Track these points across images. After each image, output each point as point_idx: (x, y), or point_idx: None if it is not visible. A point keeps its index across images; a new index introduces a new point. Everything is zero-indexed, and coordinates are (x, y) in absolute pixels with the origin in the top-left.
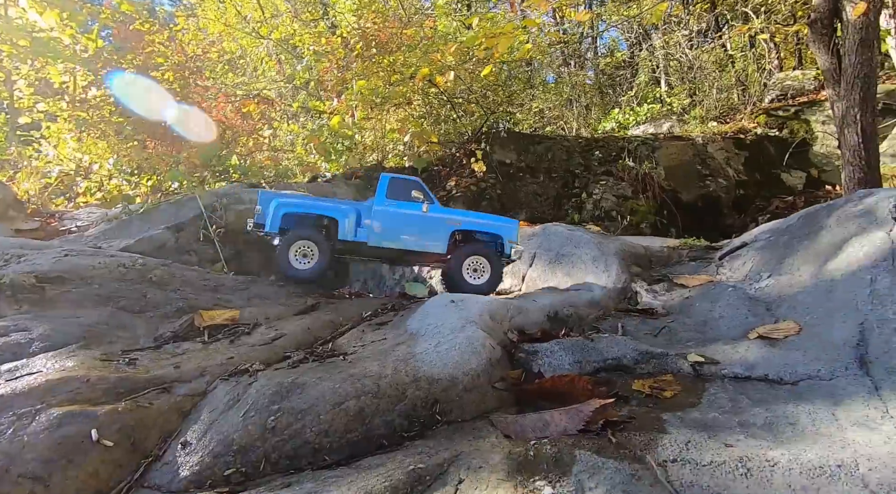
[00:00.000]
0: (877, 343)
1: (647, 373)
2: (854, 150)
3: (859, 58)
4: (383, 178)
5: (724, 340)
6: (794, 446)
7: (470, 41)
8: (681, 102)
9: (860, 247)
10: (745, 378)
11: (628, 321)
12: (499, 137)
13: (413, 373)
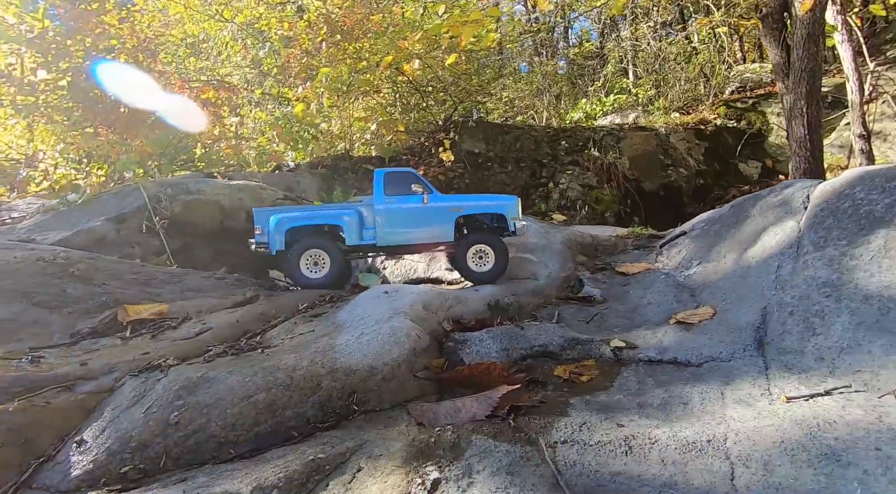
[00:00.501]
0: (774, 326)
1: (572, 359)
2: (800, 141)
3: (806, 52)
4: (377, 174)
5: (647, 325)
6: (678, 424)
7: (435, 29)
8: (646, 93)
9: (774, 235)
10: (657, 362)
11: (567, 308)
12: (467, 126)
13: (330, 365)
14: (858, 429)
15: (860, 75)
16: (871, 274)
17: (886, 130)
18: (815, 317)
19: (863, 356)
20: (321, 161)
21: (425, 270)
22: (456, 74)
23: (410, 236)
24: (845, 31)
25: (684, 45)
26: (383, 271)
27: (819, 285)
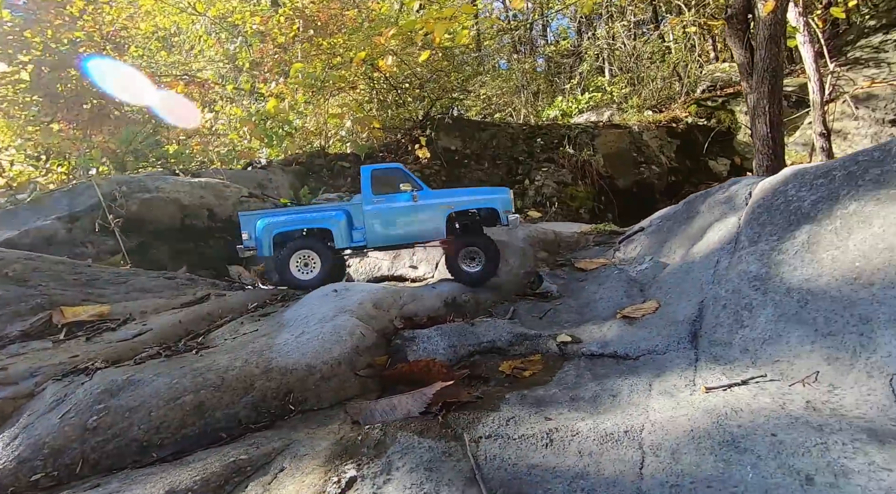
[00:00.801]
0: (708, 319)
1: (520, 354)
2: (763, 139)
3: (768, 53)
4: (364, 172)
5: (596, 320)
6: (603, 416)
7: (409, 25)
8: (620, 92)
9: (717, 231)
10: (598, 356)
11: (524, 304)
12: (444, 123)
13: (265, 364)
14: (760, 417)
15: (821, 76)
16: (795, 268)
17: (846, 128)
18: (744, 310)
19: (782, 347)
20: (296, 158)
21: (389, 267)
22: (434, 70)
23: (401, 236)
24: (807, 32)
25: (658, 45)
26: (347, 268)
27: (750, 279)
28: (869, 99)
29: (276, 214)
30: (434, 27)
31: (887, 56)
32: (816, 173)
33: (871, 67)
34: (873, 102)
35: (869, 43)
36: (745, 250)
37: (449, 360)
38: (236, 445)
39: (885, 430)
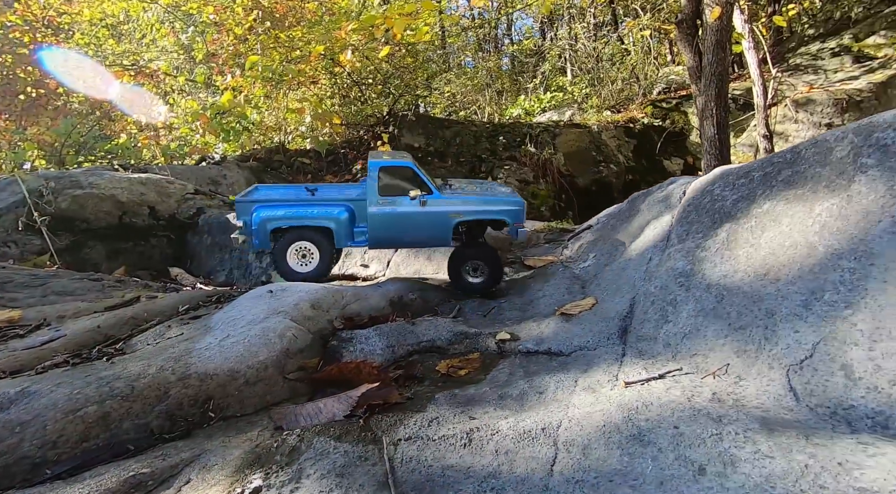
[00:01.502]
0: (638, 315)
1: (459, 353)
2: (711, 140)
3: (715, 57)
4: (372, 167)
5: (536, 317)
6: (525, 414)
7: (368, 20)
8: (581, 92)
9: (653, 229)
10: (534, 353)
11: (471, 302)
12: (407, 120)
13: (182, 371)
14: (668, 410)
15: (764, 81)
16: (715, 265)
17: (788, 131)
18: (669, 305)
19: (699, 341)
20: (253, 154)
21: (339, 266)
22: (398, 66)
23: (405, 241)
24: (752, 39)
25: (617, 47)
26: None
27: (676, 276)
28: (808, 103)
29: (273, 206)
30: (393, 23)
31: (824, 63)
32: (739, 174)
33: (809, 74)
34: (811, 106)
35: (808, 51)
36: (674, 247)
37: (386, 360)
38: (142, 457)
39: (777, 419)
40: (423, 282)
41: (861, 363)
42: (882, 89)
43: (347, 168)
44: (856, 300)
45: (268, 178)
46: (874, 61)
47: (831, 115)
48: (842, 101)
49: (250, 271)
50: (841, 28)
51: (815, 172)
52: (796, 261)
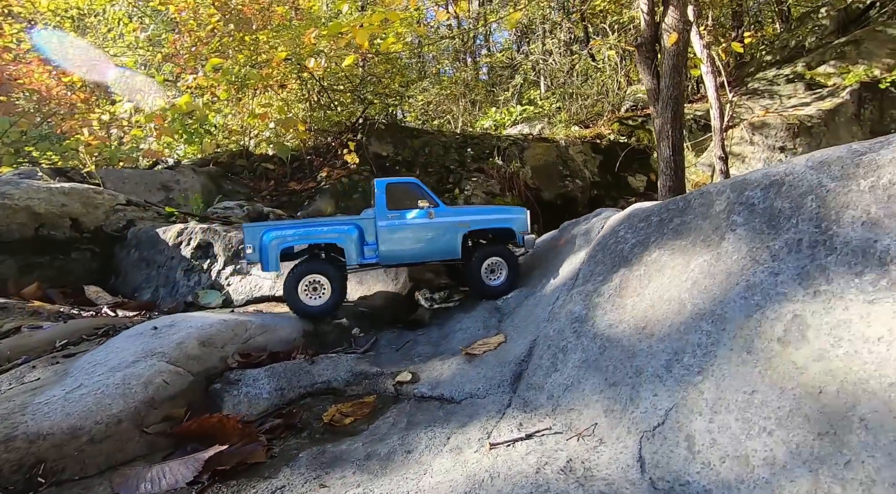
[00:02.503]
0: (535, 359)
1: (356, 395)
2: (666, 161)
3: (672, 81)
4: (379, 186)
5: (445, 355)
6: (382, 479)
7: (335, 28)
8: (551, 106)
9: (569, 265)
10: (427, 398)
11: (390, 333)
12: (376, 128)
13: (7, 432)
14: (509, 484)
15: (721, 104)
16: (606, 312)
17: (744, 152)
18: (560, 352)
19: (578, 395)
20: (215, 158)
21: (271, 287)
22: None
23: (416, 254)
24: (710, 64)
25: (588, 63)
26: (227, 287)
27: (572, 321)
28: (763, 127)
29: (281, 227)
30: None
31: (779, 89)
32: (641, 216)
33: (766, 98)
34: (766, 130)
35: (765, 76)
36: (577, 288)
37: (272, 405)
38: None
39: None
40: (353, 308)
41: (701, 435)
42: (830, 116)
43: (312, 175)
44: (706, 367)
45: (227, 184)
46: (824, 89)
47: (784, 139)
48: (794, 126)
49: (177, 289)
50: (795, 56)
51: (698, 224)
52: (668, 317)
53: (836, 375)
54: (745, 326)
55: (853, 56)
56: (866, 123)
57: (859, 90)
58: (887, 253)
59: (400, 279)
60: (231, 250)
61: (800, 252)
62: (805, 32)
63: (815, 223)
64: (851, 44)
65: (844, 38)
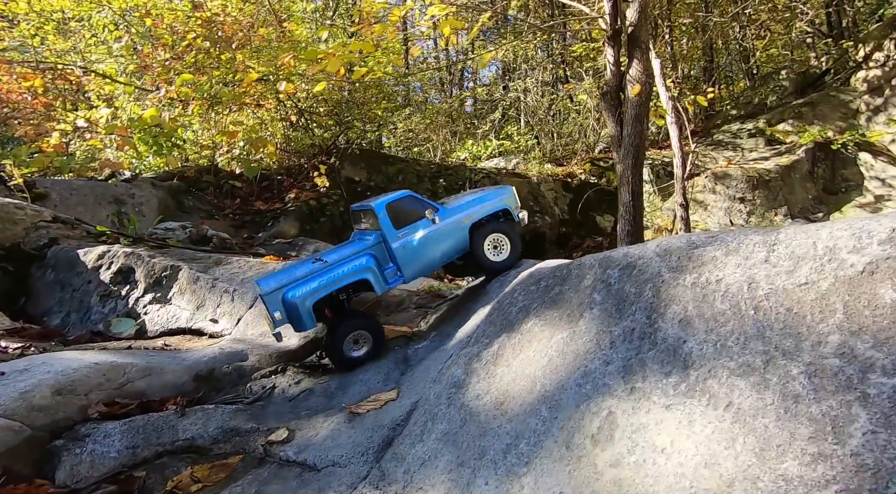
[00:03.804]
0: (410, 425)
1: (221, 454)
2: (626, 206)
3: (634, 130)
4: (378, 209)
5: (332, 410)
6: None
7: (310, 55)
8: (527, 142)
9: (475, 319)
10: (290, 463)
11: (291, 377)
12: (349, 153)
13: None
14: None
15: (683, 154)
16: (479, 380)
17: (707, 200)
18: (430, 420)
19: (431, 472)
20: (181, 172)
21: (189, 318)
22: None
23: (435, 260)
24: (674, 115)
25: (566, 104)
26: (144, 316)
27: (450, 385)
28: (725, 178)
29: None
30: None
31: (742, 142)
32: (534, 279)
33: (729, 150)
34: (728, 180)
35: (730, 129)
36: (467, 348)
37: (121, 466)
38: None
39: None
40: (259, 346)
41: None
42: (787, 172)
43: (280, 196)
44: (533, 459)
45: (189, 200)
46: (782, 146)
47: (744, 190)
48: (753, 178)
49: (90, 315)
50: (758, 112)
51: (570, 297)
52: (522, 395)
53: (622, 486)
54: (573, 417)
55: (809, 117)
56: (819, 181)
57: (814, 149)
58: (690, 356)
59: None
60: (153, 276)
61: (631, 343)
62: (767, 91)
63: (647, 314)
64: (808, 105)
65: (802, 99)
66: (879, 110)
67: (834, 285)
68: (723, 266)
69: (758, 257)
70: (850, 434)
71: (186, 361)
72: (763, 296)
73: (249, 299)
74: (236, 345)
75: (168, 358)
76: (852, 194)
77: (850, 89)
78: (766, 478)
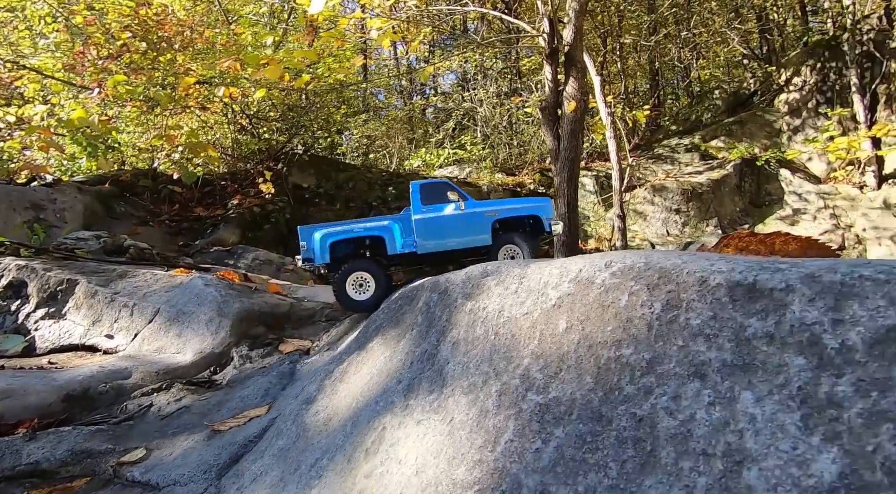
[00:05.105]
0: (263, 440)
1: (68, 477)
2: (562, 217)
3: (569, 144)
4: (414, 187)
5: (198, 428)
6: None
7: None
8: (480, 151)
9: (353, 333)
10: (134, 483)
11: (175, 394)
12: (296, 160)
13: None
14: None
15: (621, 168)
16: (324, 397)
17: (646, 211)
18: (276, 436)
19: (258, 489)
20: (116, 176)
21: (83, 334)
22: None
23: (450, 243)
24: (612, 130)
25: (519, 115)
26: (34, 332)
27: (304, 401)
28: (663, 190)
29: (333, 225)
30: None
31: (679, 156)
32: (400, 295)
33: (668, 163)
34: (665, 192)
35: (669, 143)
36: (330, 364)
37: None
38: None
39: None
40: (148, 362)
41: None
42: (717, 185)
43: (223, 202)
44: (325, 473)
45: (120, 205)
46: (714, 161)
47: (679, 202)
48: (688, 191)
49: None
50: (694, 129)
51: (406, 317)
52: (343, 411)
53: None
54: (362, 432)
55: (739, 134)
56: (746, 195)
57: (741, 165)
58: (447, 376)
59: (220, 334)
60: (48, 291)
61: (421, 363)
62: (703, 109)
63: (438, 336)
64: (738, 123)
65: (733, 118)
66: (798, 130)
67: (540, 315)
68: (490, 295)
69: (511, 289)
70: (499, 443)
71: (58, 381)
72: (502, 323)
73: (149, 313)
74: (122, 362)
75: (36, 379)
76: (774, 208)
77: (774, 110)
78: (445, 483)
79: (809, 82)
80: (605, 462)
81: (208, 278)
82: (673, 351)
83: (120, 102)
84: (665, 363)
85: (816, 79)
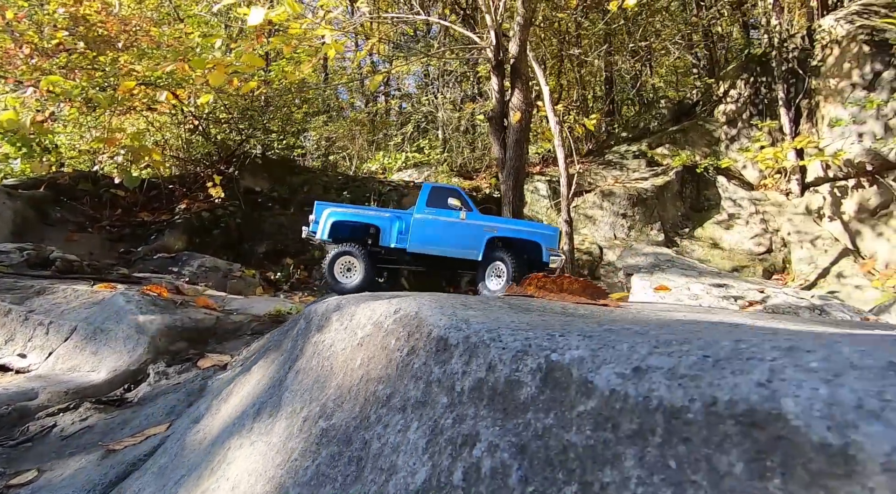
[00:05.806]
0: (150, 459)
1: None
2: None
3: (514, 153)
4: (425, 187)
5: (96, 447)
6: None
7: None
8: (437, 155)
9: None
10: None
11: (81, 415)
12: (248, 163)
13: None
14: None
15: (568, 175)
16: (209, 415)
17: (596, 216)
18: (162, 454)
19: None
20: (52, 179)
21: None
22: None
23: (440, 248)
24: (560, 138)
25: (478, 118)
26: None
27: (193, 419)
28: (611, 195)
29: (343, 207)
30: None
31: (628, 162)
32: (294, 317)
33: (617, 169)
34: (613, 197)
35: (619, 150)
36: (227, 383)
37: None
38: None
39: None
40: (59, 382)
41: None
42: (661, 191)
43: (169, 206)
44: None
45: (56, 211)
46: (659, 168)
47: (626, 207)
48: (634, 196)
49: None
50: (642, 136)
51: (285, 342)
52: (211, 435)
53: None
54: (215, 452)
55: (682, 142)
56: (687, 200)
57: (683, 172)
58: (283, 402)
59: (137, 351)
60: None
61: (273, 388)
62: (650, 117)
63: (291, 363)
64: (681, 132)
65: (677, 126)
66: (734, 140)
67: (351, 351)
68: (331, 329)
69: (343, 325)
70: (288, 461)
71: None
72: (327, 356)
73: (66, 331)
74: (29, 383)
75: None
76: (712, 212)
77: (713, 120)
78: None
79: (744, 95)
80: (336, 476)
81: (130, 295)
82: (401, 388)
83: (56, 102)
84: (394, 398)
85: (750, 92)
